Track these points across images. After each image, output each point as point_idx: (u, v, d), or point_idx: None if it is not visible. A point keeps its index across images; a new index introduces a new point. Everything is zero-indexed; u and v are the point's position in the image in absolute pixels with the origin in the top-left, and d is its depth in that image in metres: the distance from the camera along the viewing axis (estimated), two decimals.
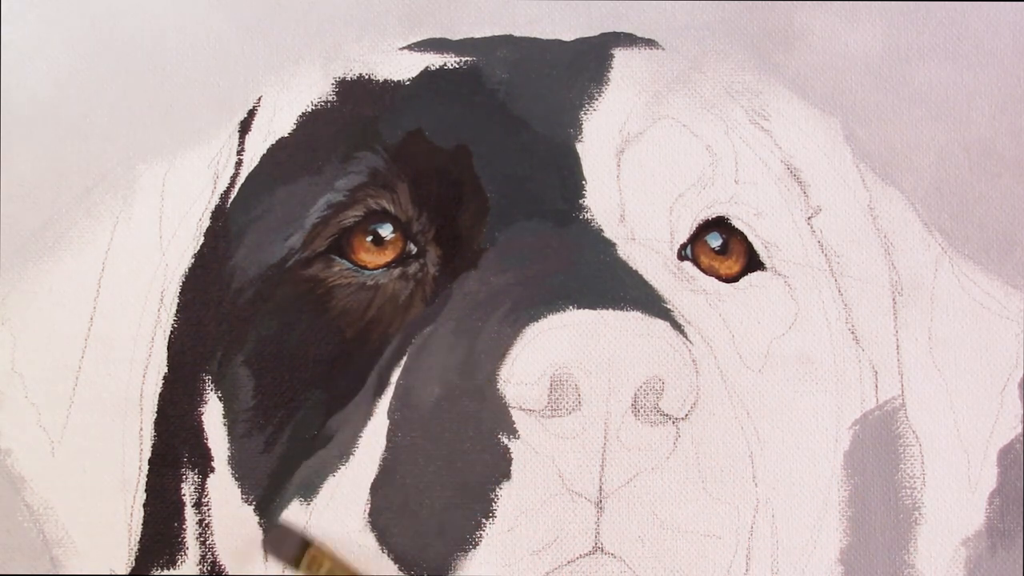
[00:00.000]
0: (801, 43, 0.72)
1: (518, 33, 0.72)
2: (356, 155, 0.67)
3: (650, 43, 0.72)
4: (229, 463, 0.65)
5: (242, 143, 0.69)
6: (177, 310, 0.67)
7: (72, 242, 0.69)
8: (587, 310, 0.59)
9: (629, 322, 0.59)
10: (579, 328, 0.59)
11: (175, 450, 0.67)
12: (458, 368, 0.60)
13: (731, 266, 0.67)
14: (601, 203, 0.65)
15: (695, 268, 0.66)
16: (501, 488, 0.59)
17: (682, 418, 0.60)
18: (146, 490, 0.67)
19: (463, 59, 0.70)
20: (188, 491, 0.66)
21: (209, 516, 0.66)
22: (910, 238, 0.70)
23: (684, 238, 0.66)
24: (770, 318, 0.66)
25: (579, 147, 0.67)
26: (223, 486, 0.65)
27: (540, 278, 0.62)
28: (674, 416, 0.59)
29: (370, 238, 0.65)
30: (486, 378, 0.59)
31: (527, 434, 0.58)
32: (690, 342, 0.61)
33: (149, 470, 0.67)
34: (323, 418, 0.64)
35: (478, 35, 0.72)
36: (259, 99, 0.71)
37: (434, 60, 0.70)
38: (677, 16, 0.72)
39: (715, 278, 0.66)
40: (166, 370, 0.67)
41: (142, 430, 0.67)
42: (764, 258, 0.67)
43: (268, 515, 0.64)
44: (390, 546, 0.60)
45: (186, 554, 0.67)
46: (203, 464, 0.66)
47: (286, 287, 0.65)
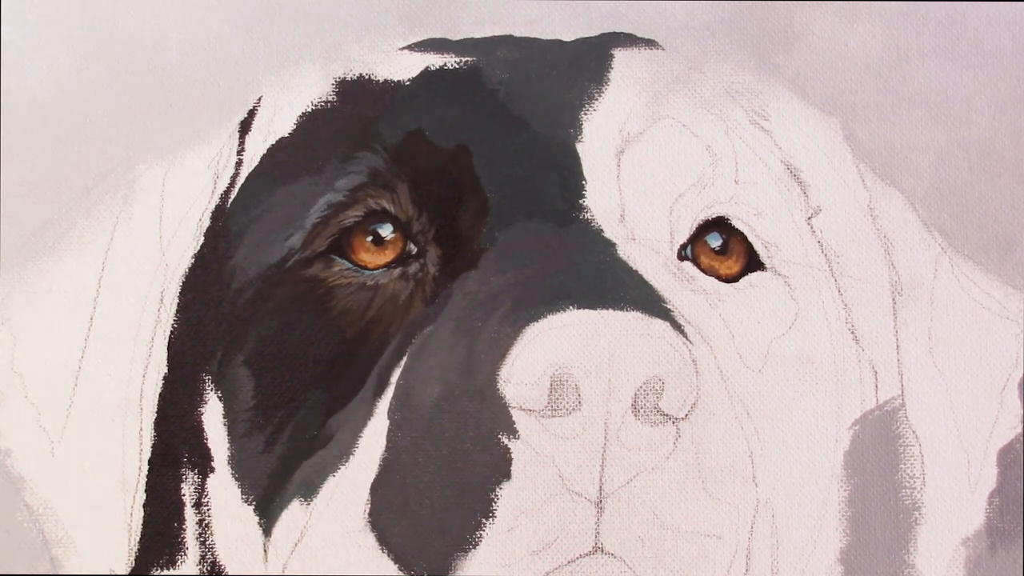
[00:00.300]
0: (801, 43, 0.72)
1: (518, 33, 0.72)
2: (356, 155, 0.67)
3: (650, 43, 0.72)
4: (229, 463, 0.65)
5: (242, 143, 0.69)
6: (177, 310, 0.67)
7: (72, 242, 0.69)
8: (587, 310, 0.59)
9: (629, 322, 0.59)
10: (579, 328, 0.59)
11: (175, 450, 0.66)
12: (458, 368, 0.60)
13: (731, 266, 0.67)
14: (601, 203, 0.65)
15: (695, 268, 0.66)
16: (501, 488, 0.59)
17: (682, 418, 0.60)
18: (146, 490, 0.67)
19: (463, 59, 0.70)
20: (188, 491, 0.66)
21: (209, 516, 0.66)
22: (910, 238, 0.70)
23: (684, 238, 0.66)
24: (770, 318, 0.66)
25: (579, 147, 0.66)
26: (223, 486, 0.65)
27: (540, 278, 0.62)
28: (674, 416, 0.59)
29: (370, 238, 0.65)
30: (486, 378, 0.59)
31: (527, 434, 0.58)
32: (690, 342, 0.61)
33: (149, 470, 0.67)
34: (323, 418, 0.64)
35: (478, 35, 0.72)
36: (259, 99, 0.71)
37: (434, 60, 0.70)
38: (677, 16, 0.73)
39: (715, 278, 0.66)
40: (166, 370, 0.67)
41: (142, 430, 0.67)
42: (764, 258, 0.67)
43: (268, 515, 0.64)
44: (390, 546, 0.60)
45: (186, 554, 0.67)
46: (203, 464, 0.66)
47: (286, 287, 0.65)
